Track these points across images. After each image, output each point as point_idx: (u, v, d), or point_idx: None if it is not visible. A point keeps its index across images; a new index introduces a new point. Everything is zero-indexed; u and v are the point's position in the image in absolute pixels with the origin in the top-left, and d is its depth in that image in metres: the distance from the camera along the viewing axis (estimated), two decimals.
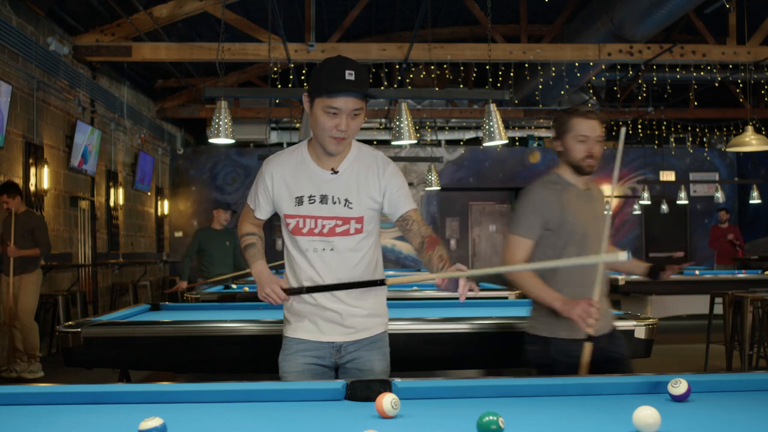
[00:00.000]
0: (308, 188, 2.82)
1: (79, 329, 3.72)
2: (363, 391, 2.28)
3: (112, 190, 11.73)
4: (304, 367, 2.88)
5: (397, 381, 2.34)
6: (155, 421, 1.74)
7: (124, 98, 12.40)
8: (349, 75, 2.66)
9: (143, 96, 13.59)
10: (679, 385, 2.22)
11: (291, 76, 10.63)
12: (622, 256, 2.54)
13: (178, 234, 15.51)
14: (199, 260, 8.27)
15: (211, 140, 5.92)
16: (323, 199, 2.81)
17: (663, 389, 2.30)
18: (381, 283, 2.81)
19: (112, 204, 11.73)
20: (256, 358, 3.76)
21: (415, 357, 3.86)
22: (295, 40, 9.76)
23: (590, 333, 3.00)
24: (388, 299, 3.02)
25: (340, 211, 2.80)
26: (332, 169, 2.82)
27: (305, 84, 11.14)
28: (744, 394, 2.36)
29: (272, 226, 16.66)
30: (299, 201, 2.82)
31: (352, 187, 2.82)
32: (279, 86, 11.05)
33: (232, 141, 5.87)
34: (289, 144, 15.67)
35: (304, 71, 10.98)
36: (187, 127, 16.49)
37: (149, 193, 13.93)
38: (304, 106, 2.78)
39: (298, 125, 14.53)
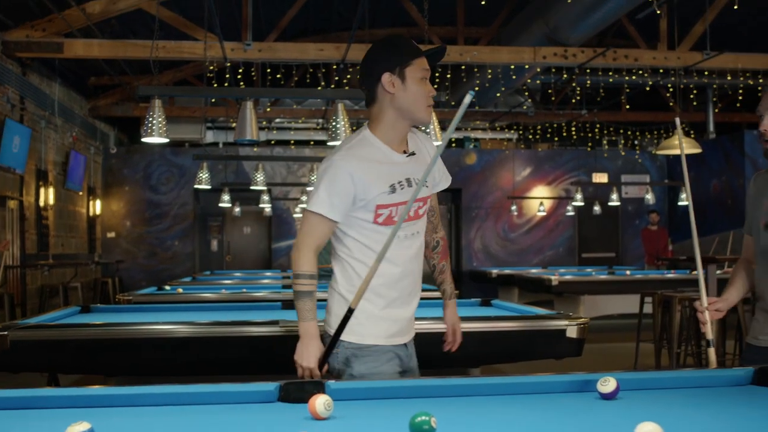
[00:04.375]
0: (396, 175, 2.69)
1: (6, 332, 3.63)
2: (296, 392, 2.27)
3: (42, 190, 11.45)
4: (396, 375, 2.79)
5: (330, 382, 2.34)
6: (82, 426, 1.70)
7: (56, 96, 12.12)
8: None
9: (75, 94, 13.30)
10: (607, 384, 2.26)
11: (227, 75, 10.52)
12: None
13: (111, 235, 15.20)
14: None
15: (144, 139, 5.81)
16: (409, 182, 2.71)
17: (592, 388, 2.34)
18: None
19: (42, 204, 11.45)
20: (189, 360, 3.71)
21: None
22: (232, 38, 9.65)
23: None
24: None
25: (422, 191, 2.70)
26: (405, 151, 2.75)
27: (241, 83, 11.05)
28: (671, 391, 2.41)
29: (207, 226, 16.49)
30: (392, 189, 2.67)
31: (424, 166, 2.72)
32: (215, 85, 10.93)
33: (166, 140, 5.78)
34: (225, 144, 15.50)
35: (240, 70, 10.88)
36: (120, 125, 16.19)
37: (81, 193, 13.63)
38: (385, 87, 2.67)
39: (233, 124, 14.38)
